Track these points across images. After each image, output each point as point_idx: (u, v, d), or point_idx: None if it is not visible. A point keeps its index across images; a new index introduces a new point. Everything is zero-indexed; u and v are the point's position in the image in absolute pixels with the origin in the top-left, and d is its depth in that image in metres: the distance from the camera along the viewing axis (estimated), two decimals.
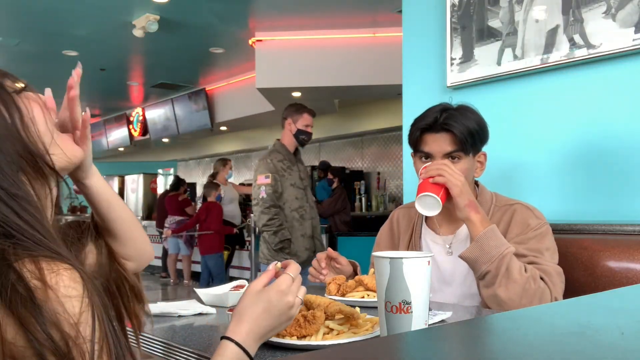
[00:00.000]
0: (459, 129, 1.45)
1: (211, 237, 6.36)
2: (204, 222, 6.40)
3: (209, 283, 6.26)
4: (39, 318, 0.60)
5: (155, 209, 8.89)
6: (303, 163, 3.63)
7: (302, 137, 3.45)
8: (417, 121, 1.52)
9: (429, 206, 1.39)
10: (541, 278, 1.33)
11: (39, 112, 0.76)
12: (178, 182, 7.89)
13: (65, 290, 0.63)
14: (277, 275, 0.92)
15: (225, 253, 6.83)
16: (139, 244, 1.00)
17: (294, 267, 0.92)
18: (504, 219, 1.48)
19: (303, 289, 0.91)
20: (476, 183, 1.59)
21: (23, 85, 0.76)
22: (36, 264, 0.63)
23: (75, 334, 0.62)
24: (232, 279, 5.28)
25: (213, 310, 1.34)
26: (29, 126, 0.73)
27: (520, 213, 1.47)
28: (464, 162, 1.48)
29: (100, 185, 0.92)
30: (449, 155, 1.47)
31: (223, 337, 0.83)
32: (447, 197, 1.39)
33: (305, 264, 3.35)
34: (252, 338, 0.84)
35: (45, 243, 0.67)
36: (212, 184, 6.52)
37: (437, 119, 1.47)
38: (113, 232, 0.97)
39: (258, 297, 0.86)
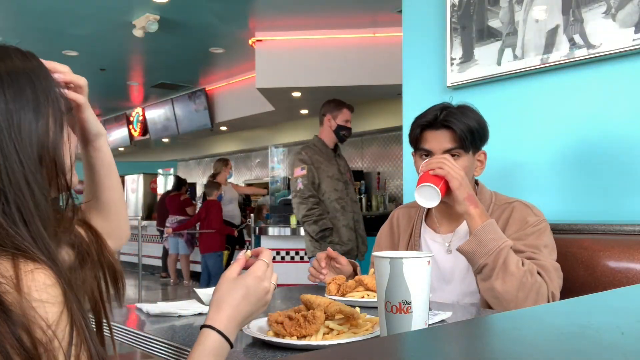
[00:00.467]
0: (459, 126, 1.46)
1: (211, 235, 6.36)
2: (204, 220, 6.41)
3: (209, 283, 6.26)
4: (8, 321, 0.60)
5: (156, 208, 8.89)
6: (344, 159, 3.58)
7: (343, 133, 3.43)
8: (417, 119, 1.54)
9: (428, 197, 1.39)
10: (538, 273, 1.33)
11: (75, 138, 0.84)
12: (179, 183, 7.93)
13: (38, 294, 0.62)
14: (247, 264, 0.92)
15: (225, 253, 6.83)
16: (122, 219, 1.06)
17: (267, 253, 0.93)
18: (503, 217, 1.48)
19: (275, 275, 0.92)
20: (476, 182, 1.60)
21: (70, 108, 0.86)
22: (11, 264, 0.63)
23: (47, 338, 0.61)
24: None
25: None
26: (66, 145, 0.79)
27: (519, 210, 1.48)
28: (463, 159, 1.48)
29: (107, 149, 1.01)
30: (449, 152, 1.48)
31: (203, 326, 0.83)
32: (447, 191, 1.39)
33: (349, 255, 3.26)
34: (233, 325, 0.85)
35: (37, 223, 0.68)
36: (213, 183, 6.53)
37: (437, 117, 1.48)
38: (104, 203, 1.01)
39: (235, 284, 0.87)
